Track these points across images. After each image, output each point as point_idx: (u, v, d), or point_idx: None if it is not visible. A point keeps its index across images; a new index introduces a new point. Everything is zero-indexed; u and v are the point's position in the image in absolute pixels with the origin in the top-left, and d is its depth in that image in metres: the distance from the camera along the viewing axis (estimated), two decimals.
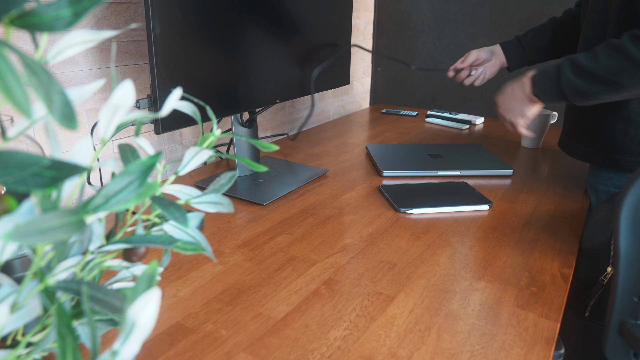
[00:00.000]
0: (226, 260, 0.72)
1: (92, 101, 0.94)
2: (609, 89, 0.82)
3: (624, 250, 0.51)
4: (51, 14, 0.25)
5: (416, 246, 0.77)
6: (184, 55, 0.80)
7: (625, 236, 0.51)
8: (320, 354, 0.53)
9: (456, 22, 1.70)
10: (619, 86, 0.81)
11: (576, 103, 0.88)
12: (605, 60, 0.81)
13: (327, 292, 0.64)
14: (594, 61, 0.83)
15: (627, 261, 0.51)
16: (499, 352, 0.54)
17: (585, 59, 0.84)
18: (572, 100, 0.87)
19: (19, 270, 0.50)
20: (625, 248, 0.51)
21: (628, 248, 0.51)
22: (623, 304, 0.53)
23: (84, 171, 0.26)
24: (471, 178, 1.09)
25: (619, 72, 0.80)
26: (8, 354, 0.32)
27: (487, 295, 0.64)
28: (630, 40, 0.79)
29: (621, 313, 0.53)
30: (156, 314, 0.35)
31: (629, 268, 0.52)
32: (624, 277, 0.52)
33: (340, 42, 1.23)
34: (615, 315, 0.54)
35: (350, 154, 1.25)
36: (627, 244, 0.51)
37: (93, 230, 0.37)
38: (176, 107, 0.42)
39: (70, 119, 0.25)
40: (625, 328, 0.53)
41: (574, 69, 0.85)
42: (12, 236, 0.23)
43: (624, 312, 0.53)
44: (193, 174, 1.09)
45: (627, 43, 0.79)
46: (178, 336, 0.55)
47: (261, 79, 0.99)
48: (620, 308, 0.53)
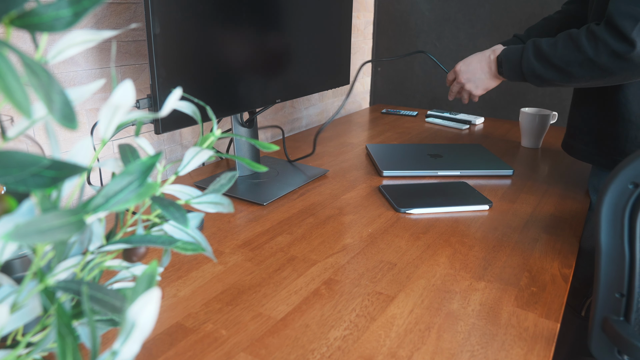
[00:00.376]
0: (226, 260, 0.72)
1: (92, 101, 0.94)
2: (561, 77, 0.86)
3: (604, 247, 0.52)
4: (51, 14, 0.25)
5: (416, 246, 0.77)
6: (184, 55, 0.80)
7: (605, 233, 0.51)
8: (320, 354, 0.53)
9: (456, 22, 1.70)
10: (570, 76, 0.85)
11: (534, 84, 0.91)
12: (561, 50, 0.85)
13: (327, 292, 0.64)
14: (553, 48, 0.86)
15: (608, 257, 0.52)
16: (499, 352, 0.54)
17: (546, 44, 0.88)
18: (530, 80, 0.91)
19: (19, 270, 0.50)
20: (606, 244, 0.52)
21: (608, 244, 0.51)
22: (605, 301, 0.53)
23: (84, 171, 0.26)
24: (471, 178, 1.09)
25: (571, 63, 0.84)
26: (8, 354, 0.32)
27: (487, 295, 0.64)
28: (585, 35, 0.83)
29: (604, 310, 0.54)
30: (156, 314, 0.35)
31: (609, 264, 0.52)
32: (605, 273, 0.52)
33: (340, 42, 1.23)
34: (599, 312, 0.54)
35: (350, 154, 1.25)
36: (607, 241, 0.51)
37: (93, 230, 0.37)
38: (176, 107, 0.42)
39: (70, 119, 0.25)
40: (608, 324, 0.53)
41: (536, 52, 0.89)
42: (12, 236, 0.23)
43: (606, 308, 0.54)
44: (193, 174, 1.09)
45: (582, 37, 0.82)
46: (178, 336, 0.55)
47: (261, 79, 0.99)
48: (603, 305, 0.54)
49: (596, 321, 0.55)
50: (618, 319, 0.53)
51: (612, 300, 0.53)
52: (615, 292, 0.53)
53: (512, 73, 0.95)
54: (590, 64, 0.83)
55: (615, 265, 0.52)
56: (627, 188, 0.49)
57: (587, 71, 0.84)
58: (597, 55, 0.82)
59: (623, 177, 0.49)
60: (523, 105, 1.67)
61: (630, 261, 0.51)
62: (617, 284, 0.52)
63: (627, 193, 0.49)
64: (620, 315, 0.53)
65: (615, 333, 0.52)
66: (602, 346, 0.55)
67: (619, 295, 0.53)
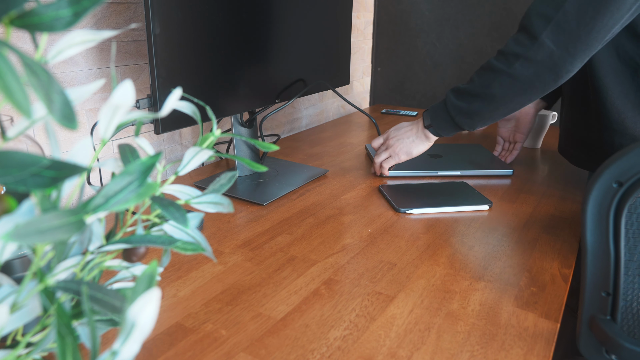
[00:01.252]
0: (226, 260, 0.72)
1: (92, 101, 0.94)
2: (486, 102, 0.88)
3: (590, 246, 0.52)
4: (51, 14, 0.25)
5: (416, 246, 0.77)
6: (184, 55, 0.80)
7: (591, 231, 0.52)
8: (320, 354, 0.53)
9: (456, 22, 1.70)
10: (493, 98, 0.87)
11: (465, 126, 0.93)
12: (477, 80, 0.89)
13: (327, 292, 0.64)
14: (471, 83, 0.91)
15: (594, 256, 0.52)
16: (499, 352, 0.54)
17: (463, 84, 0.92)
18: (460, 123, 0.93)
19: (19, 270, 0.50)
20: (592, 243, 0.52)
21: (594, 243, 0.52)
22: (592, 299, 0.54)
23: (83, 171, 0.26)
24: (471, 178, 1.09)
25: (490, 85, 0.87)
26: (8, 354, 0.32)
27: (487, 296, 0.64)
28: (494, 57, 0.87)
29: (591, 308, 0.54)
30: (156, 314, 0.35)
31: (595, 263, 0.52)
32: (592, 272, 0.53)
33: (340, 42, 1.23)
34: (586, 311, 0.54)
35: (350, 154, 1.25)
36: (593, 239, 0.52)
37: (93, 231, 0.37)
38: (176, 107, 0.42)
39: (70, 119, 0.25)
40: (594, 323, 0.53)
41: (456, 93, 0.93)
42: (12, 236, 0.23)
43: (593, 307, 0.54)
44: (193, 174, 1.09)
45: (492, 60, 0.87)
46: (178, 336, 0.55)
47: (261, 79, 0.99)
48: (590, 303, 0.54)
49: (584, 320, 0.55)
50: (605, 317, 0.53)
51: (599, 299, 0.53)
52: (602, 291, 0.53)
53: (440, 121, 0.95)
54: (507, 78, 0.85)
55: (601, 263, 0.52)
56: (612, 187, 0.50)
57: (508, 88, 0.85)
58: (508, 65, 0.84)
59: (607, 177, 0.50)
60: None
61: (615, 260, 0.51)
62: (603, 282, 0.53)
63: (611, 192, 0.50)
64: (607, 314, 0.53)
65: (602, 332, 0.52)
66: (590, 345, 0.55)
67: (605, 293, 0.53)
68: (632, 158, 0.48)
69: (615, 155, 0.49)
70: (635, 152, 0.48)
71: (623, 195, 0.49)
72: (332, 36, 1.19)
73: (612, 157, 0.49)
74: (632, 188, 0.49)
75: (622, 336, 0.51)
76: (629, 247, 0.51)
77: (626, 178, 0.49)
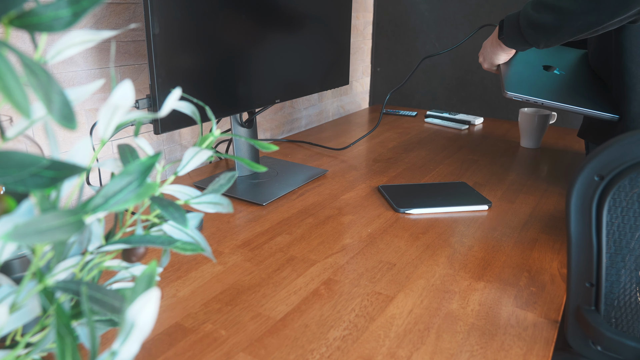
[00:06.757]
0: (225, 260, 0.72)
1: (92, 101, 0.94)
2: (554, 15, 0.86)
3: (574, 237, 0.53)
4: (50, 14, 0.25)
5: (415, 246, 0.77)
6: (183, 55, 0.80)
7: (575, 223, 0.53)
8: (319, 354, 0.53)
9: (455, 22, 1.70)
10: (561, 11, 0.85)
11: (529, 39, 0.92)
12: None
13: (326, 292, 0.64)
14: None
15: (578, 247, 0.53)
16: (498, 352, 0.54)
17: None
18: (526, 34, 0.91)
19: (18, 270, 0.50)
20: (576, 235, 0.53)
21: (578, 234, 0.53)
22: (577, 290, 0.55)
23: (83, 171, 0.26)
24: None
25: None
26: (7, 354, 0.32)
27: (487, 296, 0.64)
28: None
29: (576, 299, 0.55)
30: (155, 314, 0.35)
31: (579, 254, 0.53)
32: (576, 263, 0.54)
33: (340, 43, 1.23)
34: (572, 302, 0.55)
35: (349, 154, 1.26)
36: (576, 231, 0.53)
37: (92, 231, 0.37)
38: (175, 107, 0.42)
39: (70, 119, 0.25)
40: (579, 314, 0.54)
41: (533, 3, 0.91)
42: (11, 236, 0.23)
43: (578, 298, 0.55)
44: (192, 174, 1.09)
45: None
46: (177, 336, 0.55)
47: (260, 79, 0.99)
48: (575, 294, 0.55)
49: (570, 311, 0.56)
50: (589, 308, 0.54)
51: (583, 289, 0.54)
52: (586, 282, 0.54)
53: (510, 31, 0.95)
54: None
55: (584, 255, 0.53)
56: (594, 180, 0.51)
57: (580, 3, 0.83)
58: None
59: (589, 170, 0.51)
60: (522, 105, 1.67)
61: (597, 251, 0.53)
62: (587, 273, 0.54)
63: (593, 185, 0.51)
64: (591, 304, 0.54)
65: (586, 322, 0.53)
66: (577, 336, 0.56)
67: (589, 284, 0.54)
68: (613, 152, 0.50)
69: (597, 150, 0.50)
70: (615, 147, 0.49)
71: (604, 188, 0.51)
72: (332, 36, 1.19)
73: (594, 152, 0.51)
74: (612, 181, 0.50)
75: (605, 326, 0.52)
76: (614, 240, 0.52)
77: (607, 171, 0.50)
